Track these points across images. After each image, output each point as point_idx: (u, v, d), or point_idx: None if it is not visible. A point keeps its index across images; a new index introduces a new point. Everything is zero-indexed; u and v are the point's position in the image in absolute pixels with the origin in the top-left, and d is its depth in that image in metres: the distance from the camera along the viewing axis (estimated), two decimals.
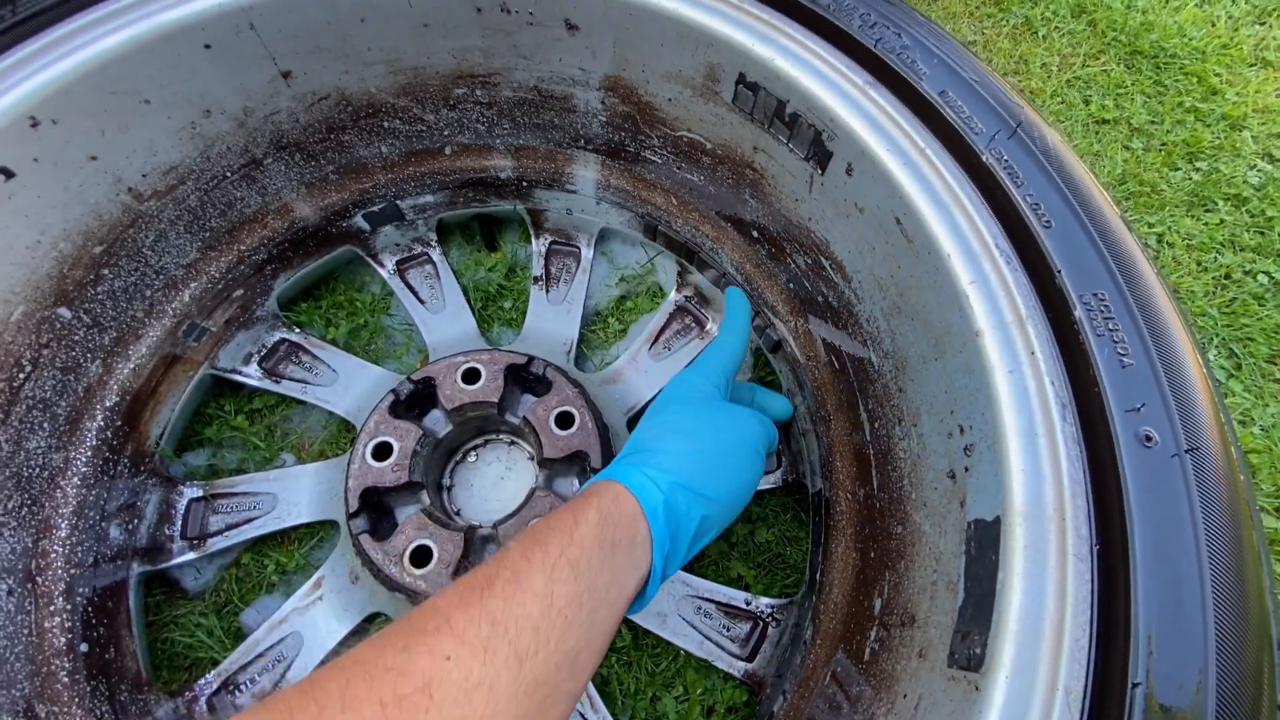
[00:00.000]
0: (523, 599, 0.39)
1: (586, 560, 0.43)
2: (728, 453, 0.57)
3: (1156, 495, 0.41)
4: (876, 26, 0.60)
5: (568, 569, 0.42)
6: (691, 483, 0.52)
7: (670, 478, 0.52)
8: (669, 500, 0.50)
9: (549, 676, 0.38)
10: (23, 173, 0.61)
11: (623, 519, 0.47)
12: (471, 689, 0.35)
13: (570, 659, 0.40)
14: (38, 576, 0.65)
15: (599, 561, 0.44)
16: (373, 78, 0.76)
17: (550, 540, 0.43)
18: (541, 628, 0.39)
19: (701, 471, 0.54)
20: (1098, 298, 0.48)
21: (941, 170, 0.54)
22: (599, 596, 0.43)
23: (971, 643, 0.42)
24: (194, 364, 0.83)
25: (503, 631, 0.38)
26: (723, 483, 0.55)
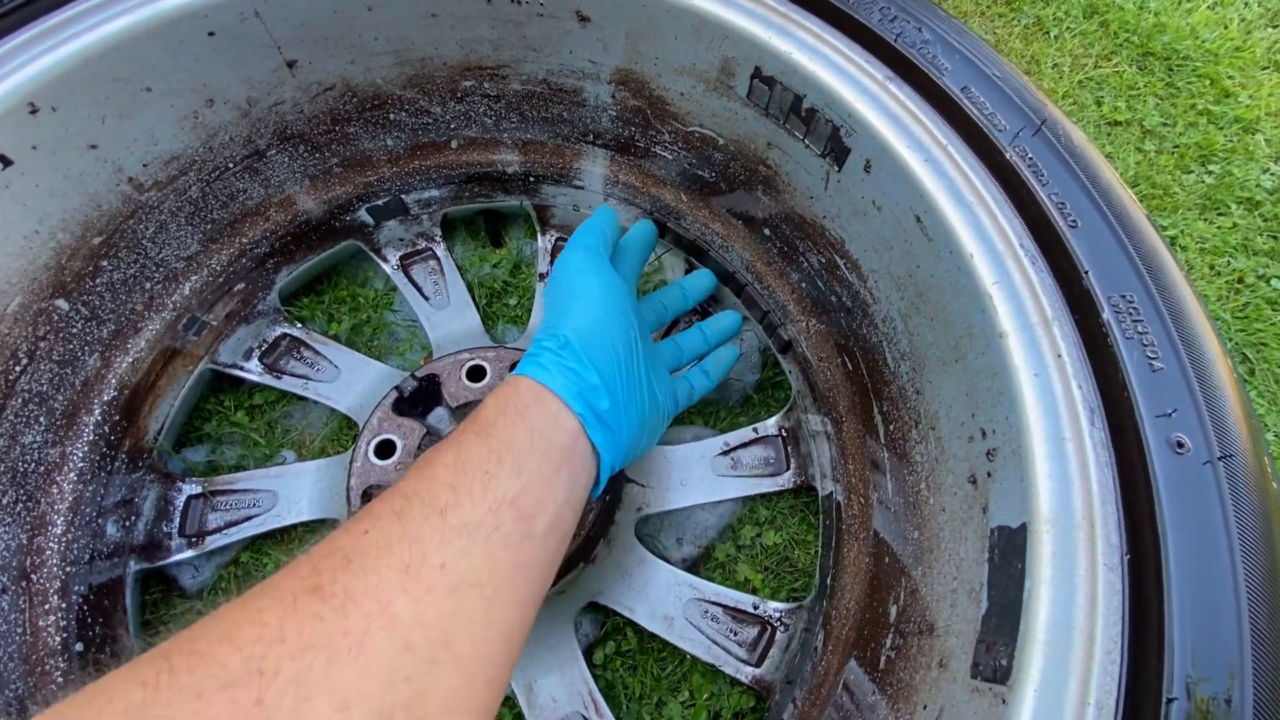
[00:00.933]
0: (431, 471, 0.41)
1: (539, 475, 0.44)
2: (614, 335, 0.54)
3: (1189, 504, 0.40)
4: (897, 20, 0.59)
5: (475, 437, 0.43)
6: (604, 378, 0.51)
7: (588, 379, 0.50)
8: (591, 398, 0.50)
9: (482, 518, 0.39)
10: (21, 160, 0.59)
11: (565, 434, 0.47)
12: (391, 543, 0.36)
13: (507, 501, 0.40)
14: (32, 574, 0.64)
15: (552, 472, 0.45)
16: (379, 68, 0.75)
17: (500, 474, 0.43)
18: (459, 484, 0.40)
19: (606, 374, 0.52)
20: (1126, 299, 0.46)
21: (964, 167, 0.53)
22: (521, 451, 0.43)
23: (997, 654, 0.41)
24: (194, 358, 0.82)
25: (418, 499, 0.38)
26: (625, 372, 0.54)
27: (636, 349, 0.56)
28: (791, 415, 0.84)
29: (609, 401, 0.50)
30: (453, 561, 0.36)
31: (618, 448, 0.51)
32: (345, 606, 0.32)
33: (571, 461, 0.46)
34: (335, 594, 0.33)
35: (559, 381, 0.48)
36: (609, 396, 0.50)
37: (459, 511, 0.38)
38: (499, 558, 0.39)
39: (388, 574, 0.34)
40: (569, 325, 0.52)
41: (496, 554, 0.38)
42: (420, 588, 0.35)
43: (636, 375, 0.55)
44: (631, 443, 0.54)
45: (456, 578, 0.36)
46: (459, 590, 0.36)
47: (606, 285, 0.56)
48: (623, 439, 0.52)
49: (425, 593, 0.35)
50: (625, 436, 0.52)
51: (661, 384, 0.60)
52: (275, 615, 0.31)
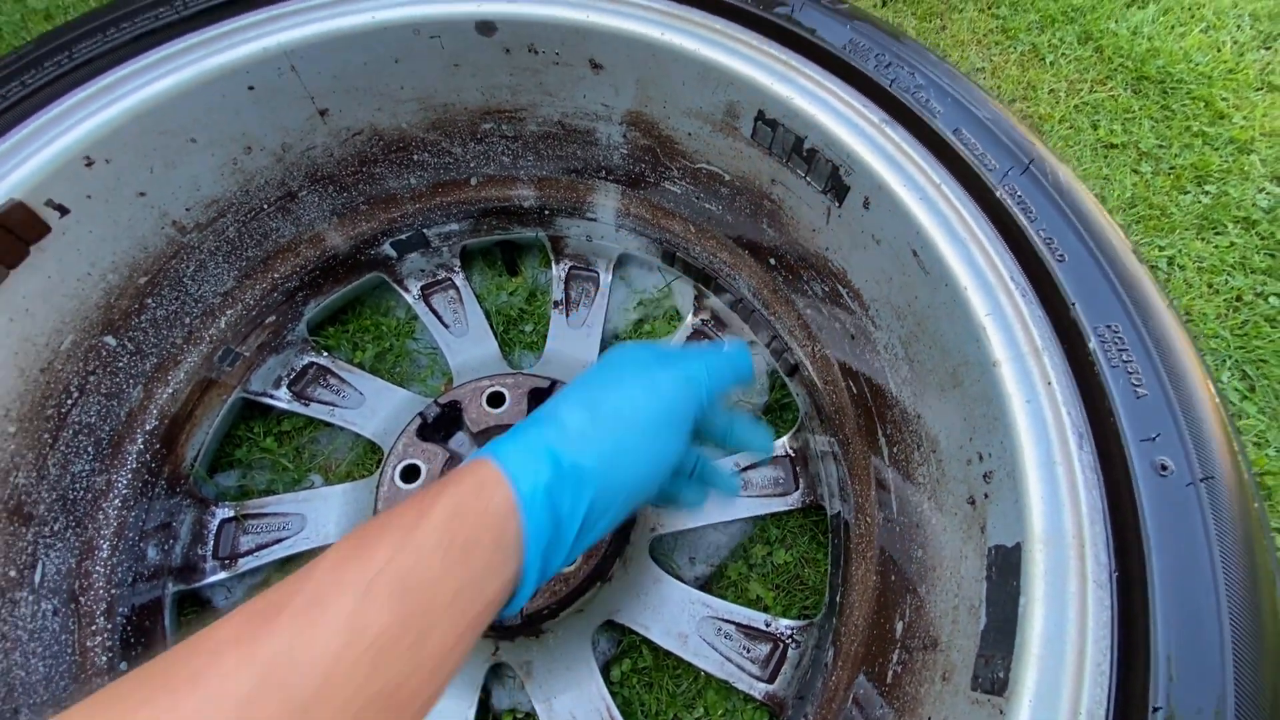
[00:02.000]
0: (316, 634, 0.30)
1: (422, 571, 0.34)
2: (638, 419, 0.45)
3: (1173, 523, 0.42)
4: (891, 66, 0.63)
5: (391, 585, 0.33)
6: (583, 458, 0.41)
7: (557, 452, 0.41)
8: (553, 484, 0.40)
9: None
10: (76, 209, 0.64)
11: (485, 513, 0.38)
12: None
13: (385, 695, 0.32)
14: (80, 596, 0.68)
15: (441, 570, 0.35)
16: (405, 114, 0.80)
17: (378, 545, 0.35)
18: (337, 671, 0.30)
19: (598, 443, 0.42)
20: (1111, 330, 0.49)
21: (957, 205, 0.57)
22: (437, 615, 0.34)
23: (995, 666, 0.43)
24: (228, 388, 0.86)
25: (277, 682, 0.29)
26: (628, 459, 0.44)
27: (641, 499, 0.47)
28: (799, 436, 0.86)
29: (564, 560, 0.42)
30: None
31: (548, 571, 0.42)
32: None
33: (483, 620, 0.38)
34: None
35: (538, 523, 0.39)
36: (569, 556, 0.42)
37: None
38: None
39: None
40: (600, 452, 0.42)
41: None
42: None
43: (627, 506, 0.45)
44: (564, 561, 0.43)
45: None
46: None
47: (674, 451, 0.46)
48: (556, 564, 0.42)
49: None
50: (559, 561, 0.42)
51: (646, 494, 0.49)
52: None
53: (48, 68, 0.64)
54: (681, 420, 0.47)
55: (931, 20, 1.45)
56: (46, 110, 0.62)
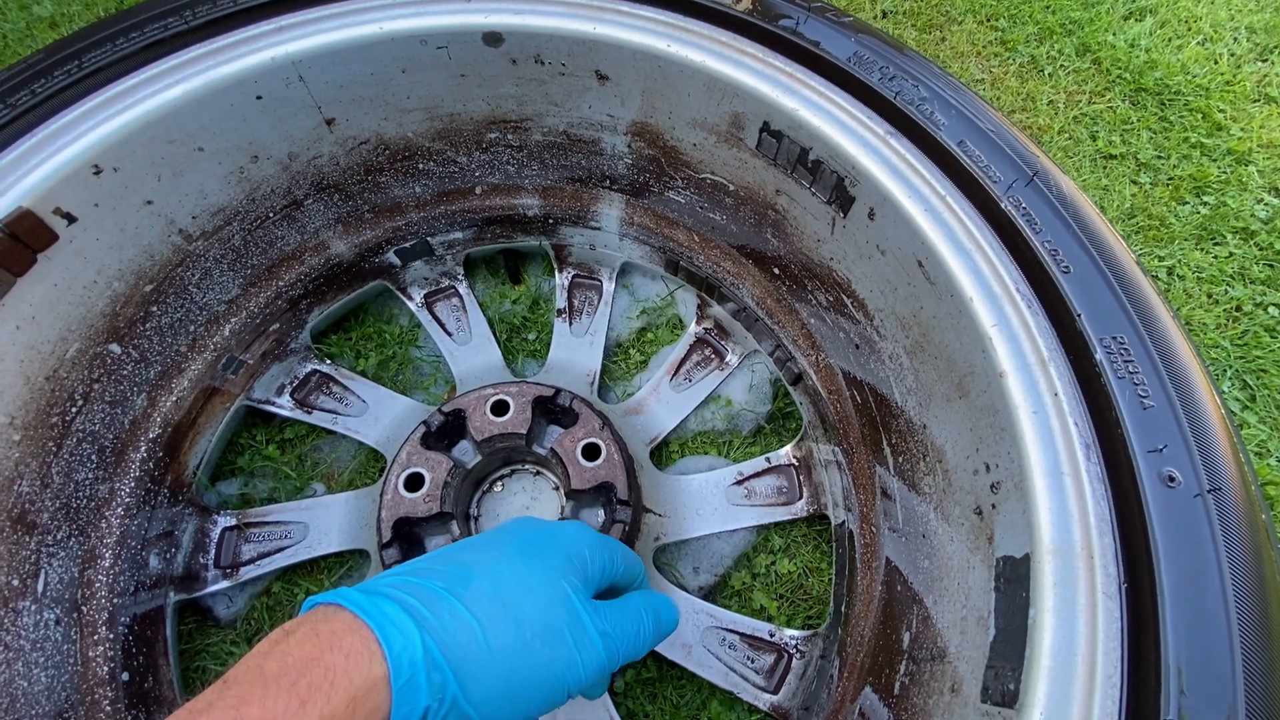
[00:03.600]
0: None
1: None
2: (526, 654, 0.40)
3: (1181, 535, 0.42)
4: (896, 79, 0.63)
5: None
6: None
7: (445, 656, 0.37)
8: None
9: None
10: (84, 217, 0.64)
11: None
12: None
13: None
14: (83, 606, 0.67)
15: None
16: (410, 124, 0.80)
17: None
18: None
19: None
20: (1117, 341, 0.50)
21: (961, 216, 0.57)
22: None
23: (1005, 679, 0.43)
24: (231, 396, 0.86)
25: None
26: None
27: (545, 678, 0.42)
28: (803, 445, 0.87)
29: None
30: None
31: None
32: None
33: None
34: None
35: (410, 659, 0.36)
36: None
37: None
38: None
39: None
40: (478, 620, 0.38)
41: None
42: None
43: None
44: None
45: None
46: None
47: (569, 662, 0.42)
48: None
49: None
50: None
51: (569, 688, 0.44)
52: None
53: (57, 77, 0.64)
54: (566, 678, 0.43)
55: (931, 32, 1.46)
56: (55, 119, 0.62)
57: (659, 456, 0.92)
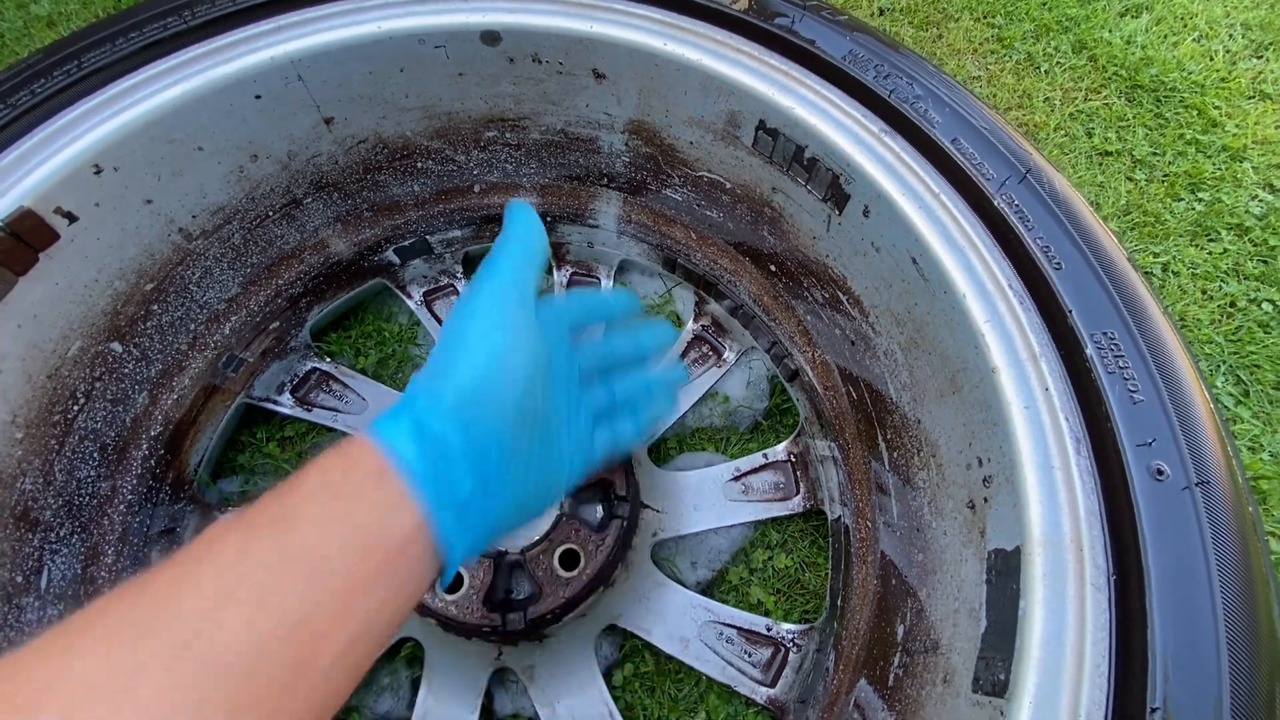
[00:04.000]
0: (198, 574, 0.29)
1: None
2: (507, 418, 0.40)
3: (1169, 527, 0.43)
4: (890, 77, 0.64)
5: (272, 527, 0.32)
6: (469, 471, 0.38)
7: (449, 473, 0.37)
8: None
9: (233, 660, 0.27)
10: (85, 216, 0.65)
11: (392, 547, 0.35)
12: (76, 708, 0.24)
13: (280, 635, 0.29)
14: (86, 602, 0.68)
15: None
16: (409, 122, 0.80)
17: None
18: (222, 609, 0.28)
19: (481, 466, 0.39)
20: (1108, 336, 0.50)
21: (955, 214, 0.58)
22: (325, 555, 0.32)
23: (995, 669, 0.44)
24: (231, 394, 0.86)
25: (157, 619, 0.27)
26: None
27: (536, 417, 0.43)
28: (800, 441, 0.87)
29: (474, 484, 0.39)
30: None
31: (476, 533, 0.40)
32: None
33: (398, 562, 0.35)
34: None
35: (414, 452, 0.37)
36: (478, 478, 0.39)
37: (203, 649, 0.27)
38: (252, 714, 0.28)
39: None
40: (451, 381, 0.39)
41: (249, 712, 0.27)
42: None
43: (527, 448, 0.42)
44: (499, 524, 0.42)
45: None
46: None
47: (516, 335, 0.42)
48: (486, 524, 0.41)
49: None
50: (491, 520, 0.41)
51: (566, 451, 0.46)
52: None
53: (57, 76, 0.65)
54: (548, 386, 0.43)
55: (928, 30, 1.47)
56: (56, 119, 0.63)
57: (657, 453, 0.92)
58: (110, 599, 0.28)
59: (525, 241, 0.46)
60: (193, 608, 0.28)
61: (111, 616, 0.27)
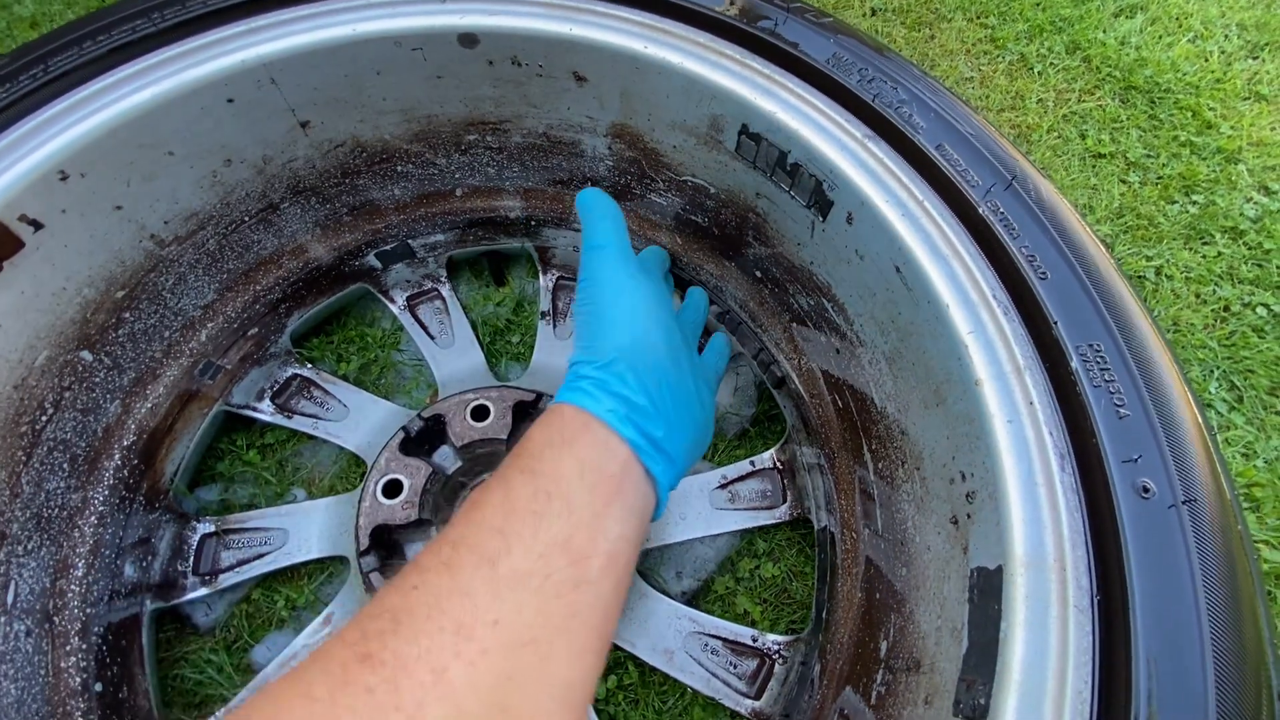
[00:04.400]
0: (479, 515, 0.39)
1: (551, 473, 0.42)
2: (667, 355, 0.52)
3: (1155, 546, 0.42)
4: (874, 82, 0.63)
5: (521, 474, 0.41)
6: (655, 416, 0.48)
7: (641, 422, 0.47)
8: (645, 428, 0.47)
9: (533, 566, 0.37)
10: (51, 224, 0.63)
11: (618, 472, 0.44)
12: (440, 600, 0.34)
13: (558, 545, 0.38)
14: (55, 616, 0.66)
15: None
16: (387, 126, 0.79)
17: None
18: (508, 528, 0.38)
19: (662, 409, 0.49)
20: (1094, 349, 0.49)
21: (939, 221, 0.56)
22: (570, 486, 0.41)
23: (976, 692, 0.43)
24: (209, 401, 0.85)
25: (466, 548, 0.37)
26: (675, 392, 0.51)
27: (681, 355, 0.52)
28: (787, 449, 0.86)
29: (661, 423, 0.47)
30: (506, 618, 0.34)
31: (674, 468, 0.48)
32: (397, 677, 0.31)
33: (624, 492, 0.43)
34: (386, 661, 0.31)
35: (605, 406, 0.45)
36: (661, 418, 0.47)
37: (510, 559, 0.36)
38: (552, 610, 0.36)
39: (439, 636, 0.33)
40: (610, 343, 0.48)
41: (550, 606, 0.36)
42: (474, 649, 0.33)
43: (685, 385, 0.51)
44: (688, 456, 0.51)
45: (510, 635, 0.34)
46: (513, 649, 0.34)
47: (644, 293, 0.52)
48: (679, 455, 0.49)
49: (480, 655, 0.33)
50: (681, 452, 0.49)
51: (708, 380, 0.57)
52: (325, 689, 0.30)
53: (23, 81, 0.63)
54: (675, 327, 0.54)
55: (920, 30, 1.45)
56: (20, 124, 0.61)
57: None
58: (421, 552, 0.38)
59: (611, 215, 0.57)
60: (492, 527, 0.38)
61: (428, 558, 0.37)
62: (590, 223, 0.56)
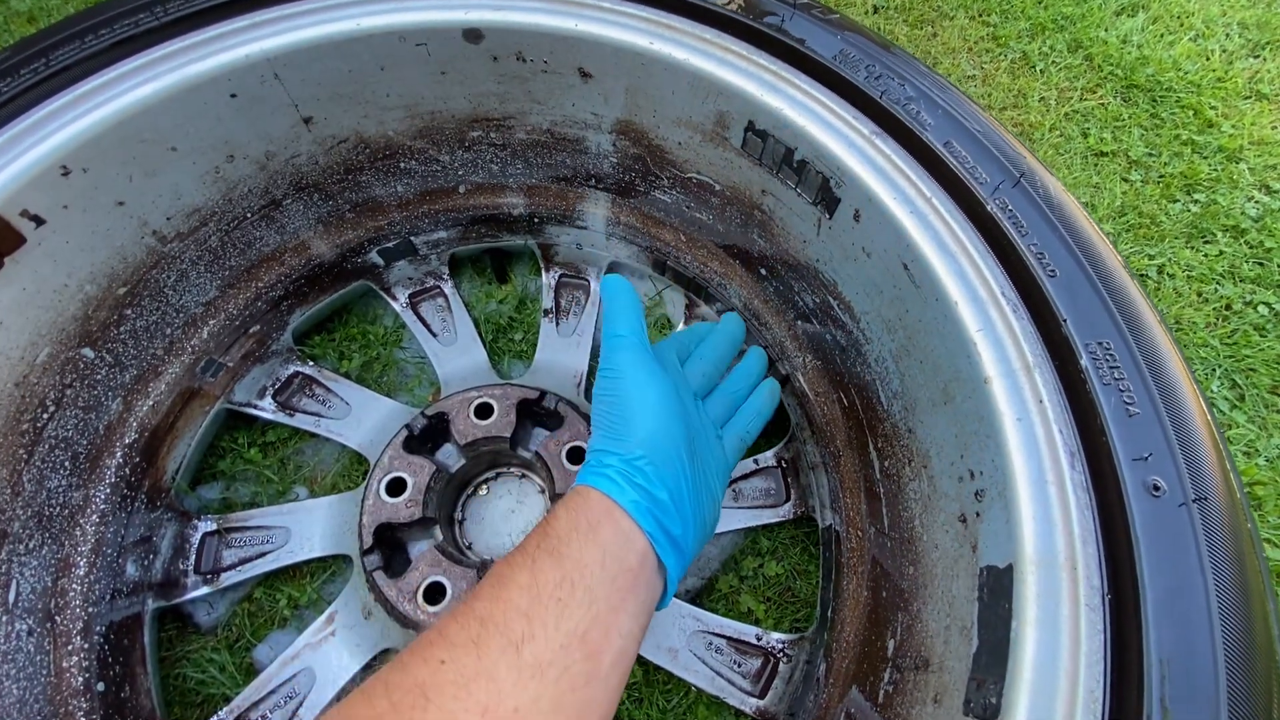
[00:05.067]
0: (506, 595, 0.40)
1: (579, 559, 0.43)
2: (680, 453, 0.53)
3: (1166, 545, 0.42)
4: (882, 78, 0.62)
5: (549, 556, 0.43)
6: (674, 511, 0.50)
7: (661, 519, 0.49)
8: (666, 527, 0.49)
9: (554, 657, 0.38)
10: (53, 219, 0.63)
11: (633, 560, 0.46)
12: (468, 681, 0.36)
13: (577, 637, 0.40)
14: (56, 616, 0.66)
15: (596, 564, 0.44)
16: (391, 122, 0.79)
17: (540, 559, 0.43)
18: (533, 613, 0.39)
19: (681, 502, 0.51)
20: (1103, 346, 0.49)
21: (947, 219, 0.56)
22: (593, 576, 0.42)
23: (987, 692, 0.43)
24: (211, 399, 0.84)
25: (494, 627, 0.38)
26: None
27: (697, 453, 0.54)
28: (791, 447, 0.86)
29: (678, 519, 0.49)
30: (526, 707, 0.36)
31: (684, 560, 0.50)
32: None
33: (639, 586, 0.45)
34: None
35: (629, 497, 0.47)
36: (678, 514, 0.49)
37: (533, 647, 0.38)
38: (566, 702, 0.38)
39: (465, 718, 0.34)
40: (634, 437, 0.50)
41: (564, 699, 0.38)
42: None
43: (699, 482, 0.53)
44: (697, 549, 0.53)
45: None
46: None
47: (664, 390, 0.53)
48: (689, 549, 0.51)
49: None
50: (692, 546, 0.51)
51: (718, 469, 0.58)
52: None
53: (24, 75, 0.63)
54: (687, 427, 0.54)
55: (923, 28, 1.45)
56: (22, 119, 0.60)
57: None
58: (447, 621, 0.40)
59: (629, 304, 0.59)
60: (519, 609, 0.39)
61: (456, 632, 0.39)
62: (612, 311, 0.58)
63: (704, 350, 0.67)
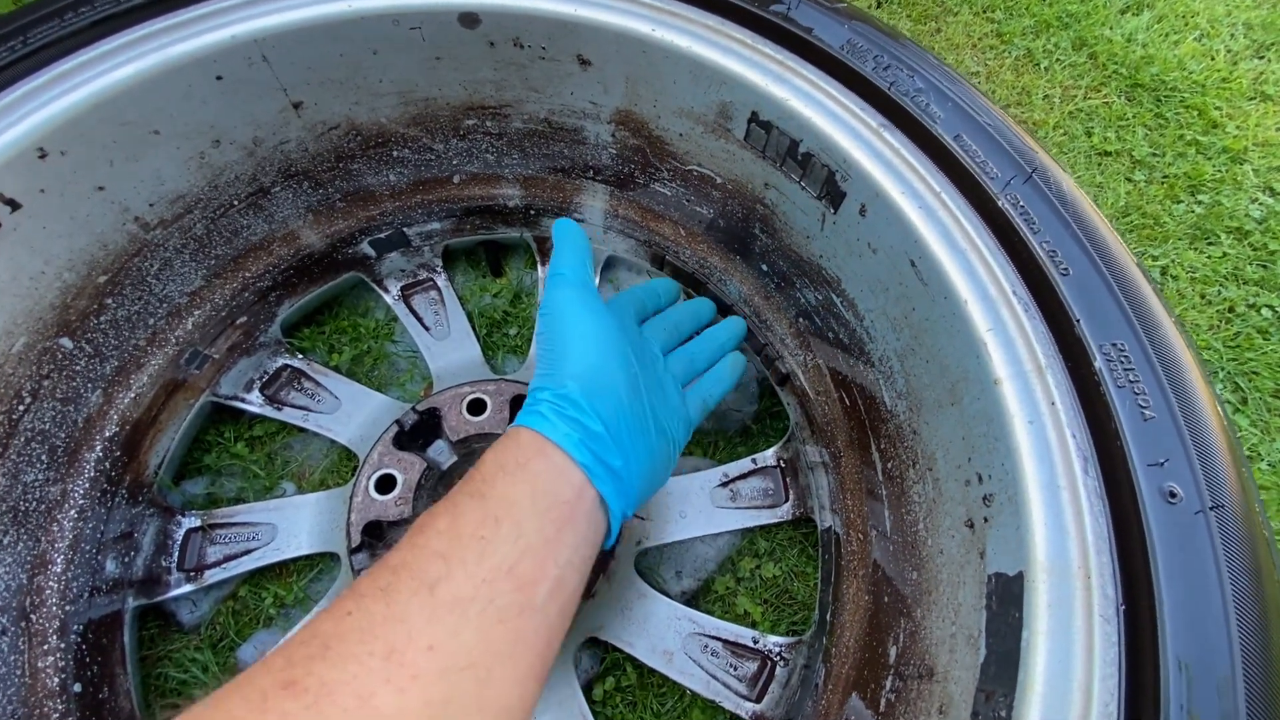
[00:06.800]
0: (422, 540, 0.38)
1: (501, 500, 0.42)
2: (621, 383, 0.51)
3: (1182, 554, 0.40)
4: (890, 69, 0.61)
5: (470, 498, 0.41)
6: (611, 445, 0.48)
7: (597, 450, 0.47)
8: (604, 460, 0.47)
9: (475, 592, 0.36)
10: (29, 204, 0.60)
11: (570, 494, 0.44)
12: (374, 625, 0.33)
13: (503, 571, 0.38)
14: (32, 614, 0.64)
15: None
16: (383, 108, 0.76)
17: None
18: (451, 553, 0.37)
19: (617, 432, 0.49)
20: (1117, 348, 0.47)
21: (957, 214, 0.54)
22: (521, 511, 0.40)
23: (996, 704, 0.41)
24: (195, 391, 0.82)
25: (406, 573, 0.36)
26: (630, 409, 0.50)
27: (640, 387, 0.52)
28: (790, 446, 0.84)
29: (617, 452, 0.47)
30: (441, 642, 0.34)
31: (628, 495, 0.48)
32: (320, 703, 0.30)
33: (576, 518, 0.43)
34: (309, 688, 0.30)
35: (561, 431, 0.45)
36: (617, 446, 0.47)
37: (450, 585, 0.35)
38: (494, 635, 0.36)
39: (369, 661, 0.32)
40: (566, 371, 0.48)
41: (491, 631, 0.36)
42: (405, 675, 0.32)
43: (643, 416, 0.51)
44: (644, 486, 0.51)
45: (446, 660, 0.33)
46: (449, 675, 0.33)
47: (601, 324, 0.51)
48: (633, 485, 0.49)
49: (410, 680, 0.32)
50: (636, 481, 0.49)
51: (672, 414, 0.56)
52: (244, 716, 0.29)
53: None
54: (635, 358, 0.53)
55: (926, 23, 1.43)
56: None
57: None
58: (360, 578, 0.37)
59: (576, 246, 0.57)
60: (435, 552, 0.37)
61: (367, 585, 0.36)
62: (556, 251, 0.57)
63: (665, 312, 0.66)
